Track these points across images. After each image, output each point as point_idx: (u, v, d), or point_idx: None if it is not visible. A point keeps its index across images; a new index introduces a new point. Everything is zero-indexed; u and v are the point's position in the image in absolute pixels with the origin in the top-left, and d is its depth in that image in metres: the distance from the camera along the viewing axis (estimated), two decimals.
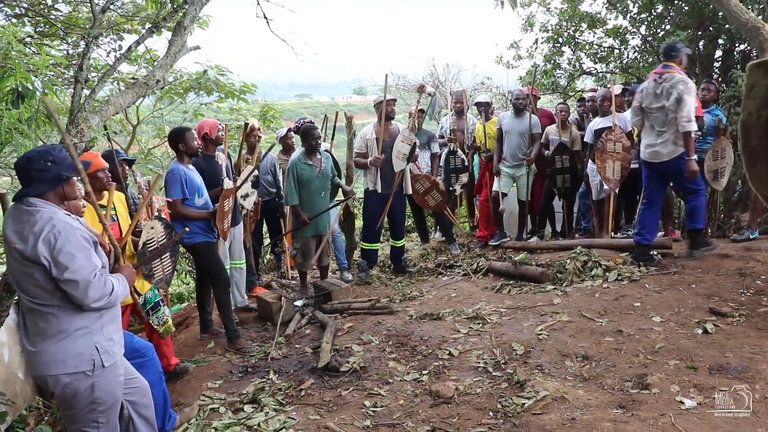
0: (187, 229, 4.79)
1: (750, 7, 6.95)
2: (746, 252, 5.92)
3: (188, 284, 9.97)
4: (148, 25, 6.53)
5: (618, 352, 4.22)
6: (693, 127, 5.65)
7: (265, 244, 8.90)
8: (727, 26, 8.66)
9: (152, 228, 4.43)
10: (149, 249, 4.37)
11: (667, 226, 7.30)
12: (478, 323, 5.11)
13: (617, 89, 7.70)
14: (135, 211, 4.95)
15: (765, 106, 2.23)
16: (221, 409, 4.23)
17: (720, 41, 8.99)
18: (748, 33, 4.76)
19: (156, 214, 4.94)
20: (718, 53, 9.49)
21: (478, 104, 8.73)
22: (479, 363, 4.36)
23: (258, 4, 6.13)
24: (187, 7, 4.57)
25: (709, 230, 7.16)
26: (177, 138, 5.30)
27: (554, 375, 4.04)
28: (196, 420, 4.10)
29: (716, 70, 9.23)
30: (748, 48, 8.09)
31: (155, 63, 4.80)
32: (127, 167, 5.54)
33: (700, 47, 8.99)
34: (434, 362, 4.48)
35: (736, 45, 9.03)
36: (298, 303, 6.22)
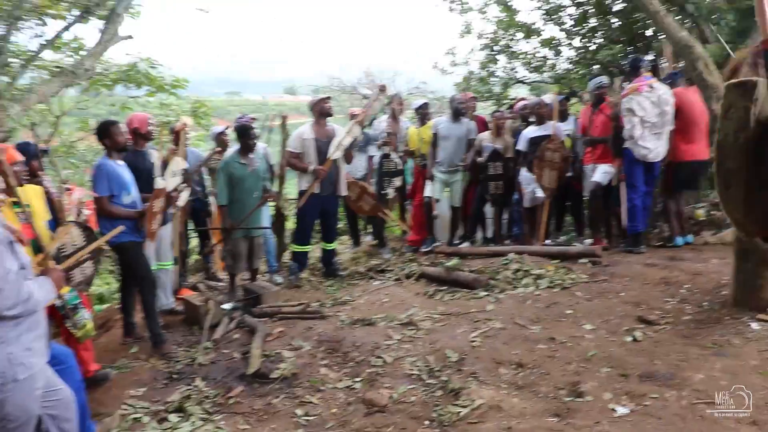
0: (121, 228, 4.57)
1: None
2: (670, 261, 6.08)
3: (110, 285, 9.58)
4: (76, 12, 6.22)
5: (551, 360, 4.24)
6: None
7: (191, 245, 8.66)
8: (655, 42, 8.95)
9: (67, 233, 4.20)
10: (63, 254, 4.14)
11: (595, 234, 7.46)
12: (411, 329, 5.05)
13: (548, 98, 7.83)
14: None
15: (742, 129, 2.23)
16: (145, 419, 4.03)
17: (648, 57, 9.26)
18: (681, 50, 4.89)
19: (74, 216, 4.70)
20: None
21: (417, 108, 8.70)
22: (413, 370, 4.31)
23: None
24: None
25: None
26: (102, 132, 5.08)
27: (489, 383, 4.02)
28: (117, 430, 3.89)
29: None
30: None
31: (85, 51, 4.56)
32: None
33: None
34: (367, 369, 4.40)
35: (661, 61, 9.32)
36: (227, 306, 6.04)
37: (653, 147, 6.64)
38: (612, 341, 4.47)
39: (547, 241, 7.82)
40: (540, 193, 7.45)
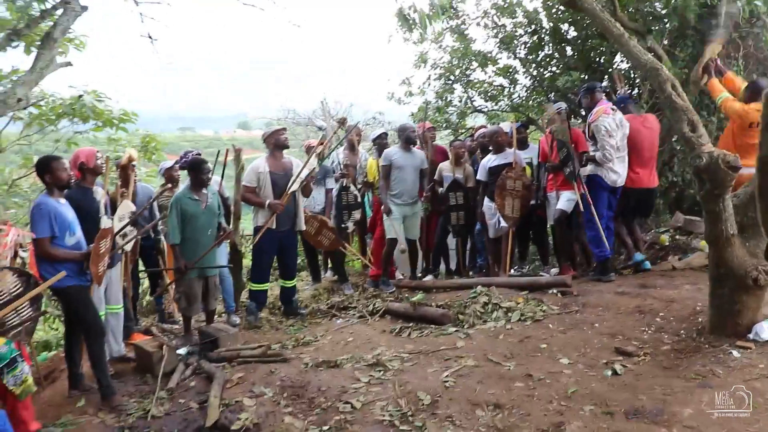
0: (63, 273, 4.23)
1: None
2: (642, 289, 5.94)
3: (57, 330, 9.03)
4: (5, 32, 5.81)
5: (530, 399, 4.00)
6: None
7: (144, 286, 8.25)
8: (610, 69, 8.99)
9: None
10: None
11: (561, 263, 7.32)
12: (380, 370, 4.77)
13: (506, 126, 7.75)
14: None
15: None
16: None
17: (603, 84, 9.29)
18: (647, 73, 4.80)
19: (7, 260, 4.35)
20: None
21: (375, 139, 8.50)
22: (384, 416, 4.02)
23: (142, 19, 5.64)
24: (58, 16, 4.03)
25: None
26: (42, 168, 4.77)
27: (466, 427, 3.77)
28: None
29: None
30: (631, 90, 8.39)
31: (17, 78, 4.22)
32: None
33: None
34: (335, 416, 4.09)
35: (617, 88, 9.38)
36: (182, 351, 5.68)
37: (621, 171, 6.59)
38: (592, 376, 4.26)
39: (512, 272, 7.66)
40: (504, 223, 7.29)
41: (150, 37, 5.53)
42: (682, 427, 3.42)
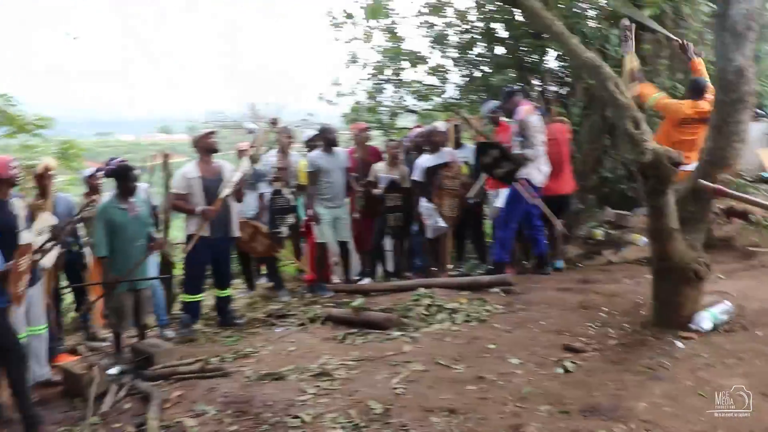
0: None
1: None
2: (584, 284, 6.02)
3: None
4: None
5: (485, 402, 3.92)
6: None
7: (67, 302, 7.81)
8: (541, 68, 9.12)
9: None
10: None
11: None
12: (326, 380, 4.59)
13: (441, 125, 7.72)
14: None
15: None
16: None
17: (534, 83, 9.42)
18: (589, 71, 4.83)
19: None
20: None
21: (307, 141, 8.33)
22: (336, 428, 3.85)
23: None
24: None
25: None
26: None
27: None
28: None
29: None
30: (562, 90, 8.57)
31: None
32: None
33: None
34: None
35: (548, 86, 9.55)
36: (114, 371, 5.34)
37: (546, 171, 6.72)
38: (543, 375, 4.24)
39: (451, 272, 7.64)
40: (442, 223, 7.25)
41: (72, 36, 5.18)
42: (639, 421, 3.42)
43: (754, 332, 4.46)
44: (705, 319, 4.53)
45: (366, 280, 7.94)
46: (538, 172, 6.69)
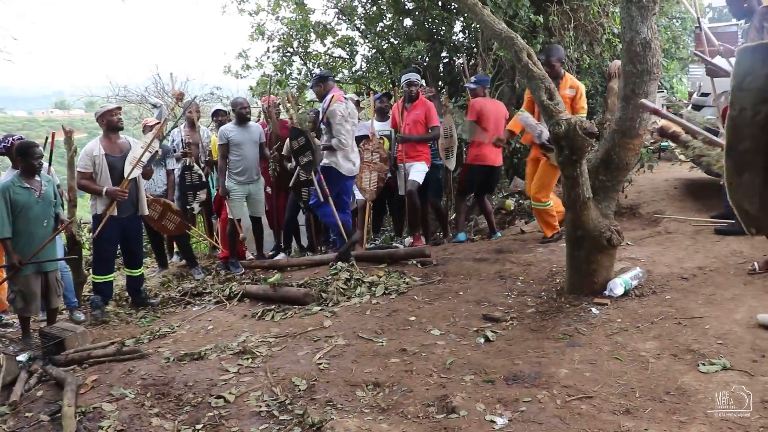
0: None
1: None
2: (499, 254, 6.11)
3: None
4: None
5: (410, 374, 3.94)
6: None
7: None
8: (449, 40, 9.14)
9: None
10: None
11: (414, 233, 7.37)
12: (248, 358, 4.51)
13: (352, 98, 7.65)
14: None
15: (763, 101, 1.90)
16: None
17: (443, 54, 9.45)
18: (502, 43, 4.84)
19: None
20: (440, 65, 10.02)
21: (215, 113, 8.06)
22: (261, 406, 3.79)
23: None
24: None
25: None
26: None
27: (349, 410, 3.63)
28: None
29: (441, 81, 9.69)
30: (469, 61, 8.61)
31: None
32: None
33: (428, 59, 9.35)
34: (208, 413, 3.80)
35: (456, 58, 9.61)
36: (22, 358, 5.06)
37: (355, 160, 6.89)
38: (465, 345, 4.29)
39: (367, 245, 7.62)
40: (360, 196, 7.20)
41: None
42: (561, 387, 3.51)
43: (663, 296, 4.66)
44: (618, 286, 4.70)
45: (281, 256, 7.81)
46: (345, 160, 6.78)
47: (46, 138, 6.76)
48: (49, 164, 6.62)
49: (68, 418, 3.86)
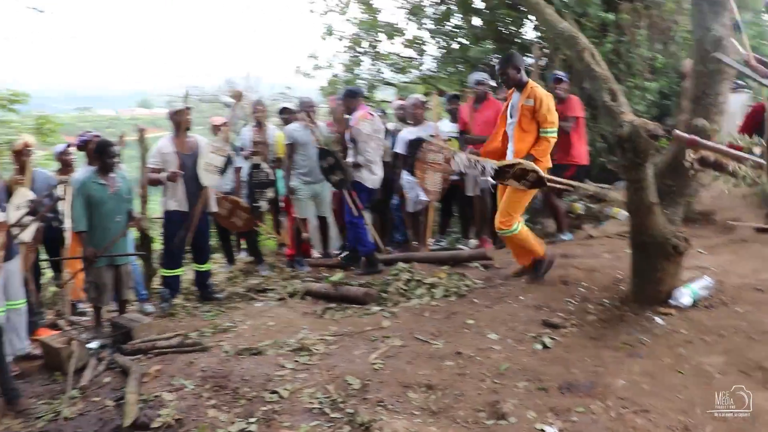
0: None
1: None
2: (564, 259, 5.96)
3: None
4: None
5: (463, 378, 3.92)
6: None
7: (49, 276, 7.68)
8: (517, 40, 9.01)
9: None
10: None
11: (481, 236, 7.29)
12: (305, 355, 4.58)
13: (418, 98, 7.61)
14: None
15: None
16: None
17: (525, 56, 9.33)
18: (564, 42, 4.74)
19: None
20: None
21: (282, 110, 8.19)
22: (314, 403, 3.85)
23: None
24: None
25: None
26: None
27: (399, 411, 3.65)
28: None
29: None
30: (539, 62, 8.44)
31: None
32: None
33: (497, 58, 9.23)
34: (261, 407, 3.89)
35: (527, 57, 9.43)
36: (93, 345, 5.28)
37: (379, 173, 6.98)
38: (522, 350, 4.23)
39: (431, 246, 7.59)
40: (423, 197, 7.18)
41: (38, 9, 5.03)
42: (616, 398, 3.43)
43: (734, 308, 4.43)
44: (684, 295, 4.50)
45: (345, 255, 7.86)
46: (370, 173, 6.85)
47: (120, 136, 7.02)
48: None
49: (131, 404, 4.02)
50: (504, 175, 5.09)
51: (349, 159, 6.84)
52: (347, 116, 7.06)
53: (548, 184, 5.12)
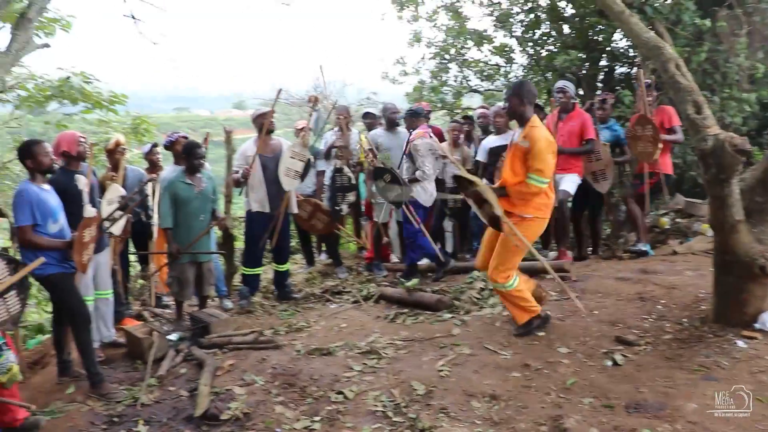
0: (42, 259, 4.09)
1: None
2: (643, 275, 5.79)
3: (51, 312, 8.90)
4: None
5: (528, 390, 3.88)
6: None
7: (137, 270, 8.08)
8: (608, 48, 8.78)
9: None
10: None
11: (561, 247, 7.15)
12: (373, 358, 4.64)
13: (501, 107, 7.53)
14: None
15: None
16: None
17: (602, 63, 9.10)
18: (649, 52, 4.59)
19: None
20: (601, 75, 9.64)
21: (365, 115, 8.30)
22: (377, 406, 3.90)
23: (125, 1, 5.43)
24: None
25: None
26: (24, 153, 4.58)
27: (461, 419, 3.65)
28: None
29: (599, 91, 9.32)
30: (631, 70, 8.23)
31: None
32: None
33: (586, 68, 9.04)
34: (327, 406, 3.97)
35: (617, 67, 9.20)
36: (173, 337, 5.51)
37: (432, 191, 7.03)
38: (591, 366, 4.14)
39: None
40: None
41: (133, 17, 5.32)
42: (686, 422, 3.31)
43: None
44: None
45: (424, 261, 7.88)
46: (423, 191, 6.87)
47: (205, 137, 7.30)
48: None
49: (203, 396, 4.19)
50: (464, 188, 4.97)
51: (404, 175, 6.96)
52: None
53: (503, 229, 4.64)
